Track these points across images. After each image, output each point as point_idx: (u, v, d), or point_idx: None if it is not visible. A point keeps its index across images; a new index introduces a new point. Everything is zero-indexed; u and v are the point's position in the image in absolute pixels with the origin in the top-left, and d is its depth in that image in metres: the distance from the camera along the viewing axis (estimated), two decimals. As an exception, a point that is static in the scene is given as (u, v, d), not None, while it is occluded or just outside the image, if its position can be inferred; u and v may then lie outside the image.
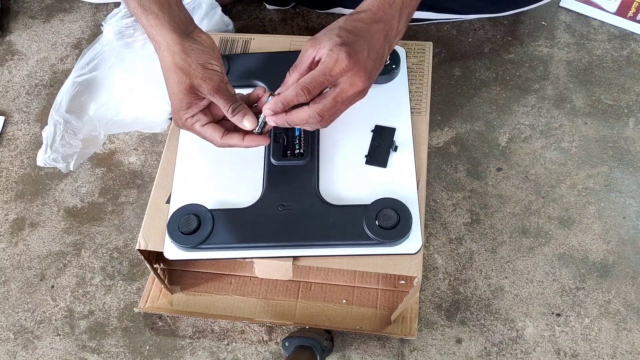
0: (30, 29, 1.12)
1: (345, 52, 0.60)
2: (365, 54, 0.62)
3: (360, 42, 0.62)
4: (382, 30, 0.64)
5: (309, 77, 0.61)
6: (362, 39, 0.62)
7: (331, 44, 0.61)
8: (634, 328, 0.80)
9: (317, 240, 0.67)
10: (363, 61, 0.61)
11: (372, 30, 0.63)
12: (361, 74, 0.61)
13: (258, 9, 1.11)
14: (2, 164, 0.97)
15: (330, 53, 0.60)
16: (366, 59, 0.62)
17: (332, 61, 0.60)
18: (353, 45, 0.61)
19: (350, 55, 0.60)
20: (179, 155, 0.75)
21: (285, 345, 0.76)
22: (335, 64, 0.60)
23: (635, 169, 0.91)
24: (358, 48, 0.61)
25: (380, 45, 0.64)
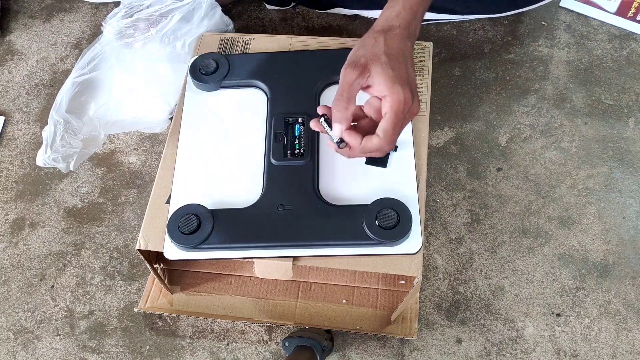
0: (30, 29, 1.12)
1: (409, 91, 0.61)
2: (413, 76, 0.64)
3: (408, 68, 0.64)
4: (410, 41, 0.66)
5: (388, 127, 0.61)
6: (407, 64, 0.64)
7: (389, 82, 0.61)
8: (634, 328, 0.80)
9: (317, 240, 0.67)
10: (414, 86, 0.63)
11: (408, 48, 0.65)
12: (417, 100, 0.63)
13: (258, 9, 1.11)
14: (2, 164, 0.97)
15: (394, 95, 0.60)
16: (414, 81, 0.64)
17: (400, 103, 0.61)
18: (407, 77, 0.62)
19: (413, 92, 0.62)
20: (179, 155, 0.75)
21: (285, 345, 0.76)
22: (404, 105, 0.61)
23: (635, 169, 0.91)
24: (411, 77, 0.63)
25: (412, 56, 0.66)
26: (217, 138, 0.75)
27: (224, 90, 0.79)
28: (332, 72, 0.77)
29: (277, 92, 0.77)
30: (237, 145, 0.75)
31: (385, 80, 0.61)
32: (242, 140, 0.75)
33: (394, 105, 0.61)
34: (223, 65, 0.79)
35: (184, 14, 0.91)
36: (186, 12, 0.92)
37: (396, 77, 0.61)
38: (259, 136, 0.74)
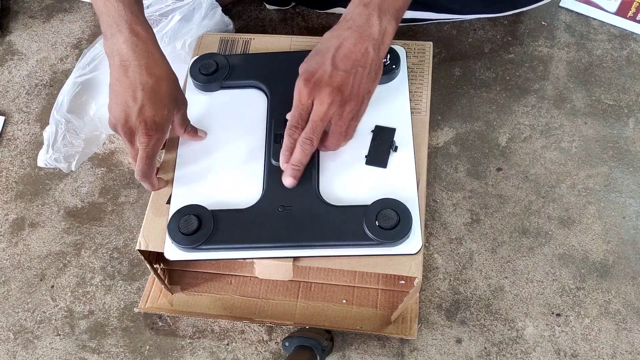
0: (30, 29, 1.12)
1: (302, 81, 0.64)
2: (327, 68, 0.64)
3: (318, 60, 0.64)
4: (354, 33, 0.65)
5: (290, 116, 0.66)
6: (325, 57, 0.64)
7: (300, 72, 0.65)
8: (634, 328, 0.80)
9: (317, 240, 0.67)
10: (325, 77, 0.63)
11: (342, 40, 0.65)
12: (326, 90, 0.63)
13: (258, 9, 1.11)
14: (2, 164, 0.97)
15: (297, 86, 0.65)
16: (330, 72, 0.63)
17: (297, 93, 0.65)
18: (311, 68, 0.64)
19: (307, 81, 0.64)
20: (179, 155, 0.75)
21: (285, 345, 0.76)
22: (299, 94, 0.64)
23: (635, 169, 0.91)
24: (315, 68, 0.64)
25: (354, 49, 0.64)
26: (217, 138, 0.75)
27: (224, 91, 0.79)
28: None
29: (277, 92, 0.77)
30: (237, 145, 0.75)
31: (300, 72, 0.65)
32: (242, 140, 0.75)
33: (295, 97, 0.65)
34: (223, 66, 0.79)
35: (184, 14, 0.91)
36: (186, 12, 0.92)
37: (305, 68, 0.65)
38: (259, 137, 0.74)
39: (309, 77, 0.64)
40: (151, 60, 0.65)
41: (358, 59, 0.64)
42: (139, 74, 0.64)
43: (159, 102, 0.65)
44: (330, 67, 0.63)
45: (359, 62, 0.64)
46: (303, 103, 0.64)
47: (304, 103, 0.64)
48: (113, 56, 0.65)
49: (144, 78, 0.64)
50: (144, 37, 0.65)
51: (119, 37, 0.65)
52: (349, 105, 0.65)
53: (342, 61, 0.64)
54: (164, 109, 0.65)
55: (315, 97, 0.64)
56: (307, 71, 0.64)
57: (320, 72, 0.64)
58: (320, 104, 0.64)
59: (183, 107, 0.70)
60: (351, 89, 0.64)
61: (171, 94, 0.66)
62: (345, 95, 0.64)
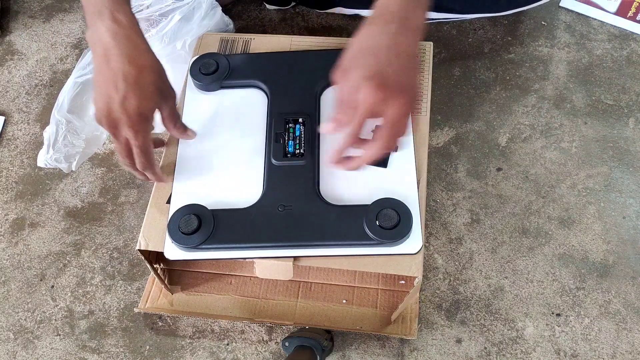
0: (30, 29, 1.12)
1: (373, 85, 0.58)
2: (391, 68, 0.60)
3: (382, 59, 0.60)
4: (400, 27, 0.61)
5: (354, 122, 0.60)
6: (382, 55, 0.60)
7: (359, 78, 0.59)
8: (634, 328, 0.80)
9: (317, 240, 0.67)
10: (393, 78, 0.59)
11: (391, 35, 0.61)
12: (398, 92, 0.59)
13: (258, 9, 1.11)
14: (2, 164, 0.97)
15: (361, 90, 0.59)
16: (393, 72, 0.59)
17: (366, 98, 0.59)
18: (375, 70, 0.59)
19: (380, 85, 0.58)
20: (179, 155, 0.75)
21: (285, 345, 0.76)
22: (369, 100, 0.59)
23: (635, 169, 0.91)
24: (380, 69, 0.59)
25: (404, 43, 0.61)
26: (217, 138, 0.75)
27: (224, 91, 0.79)
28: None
29: (277, 92, 0.77)
30: (237, 145, 0.75)
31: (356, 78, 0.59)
32: (242, 140, 0.75)
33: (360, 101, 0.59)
34: (223, 66, 0.79)
35: (184, 14, 0.91)
36: (186, 12, 0.92)
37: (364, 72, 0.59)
38: (259, 136, 0.74)
39: (381, 80, 0.58)
40: (134, 49, 0.62)
41: (407, 54, 0.61)
42: (121, 63, 0.61)
43: (142, 92, 0.62)
44: (393, 67, 0.60)
45: (407, 56, 0.62)
46: (374, 110, 0.59)
47: (375, 110, 0.59)
48: (95, 46, 0.63)
49: (126, 67, 0.61)
50: (126, 25, 0.62)
51: (101, 25, 0.62)
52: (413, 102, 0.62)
53: (401, 58, 0.60)
54: (149, 101, 0.63)
55: (389, 102, 0.59)
56: (371, 74, 0.59)
57: (388, 74, 0.59)
58: (393, 108, 0.59)
59: (170, 99, 0.67)
60: (413, 83, 0.62)
61: (156, 85, 0.64)
62: (413, 94, 0.62)
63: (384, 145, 0.61)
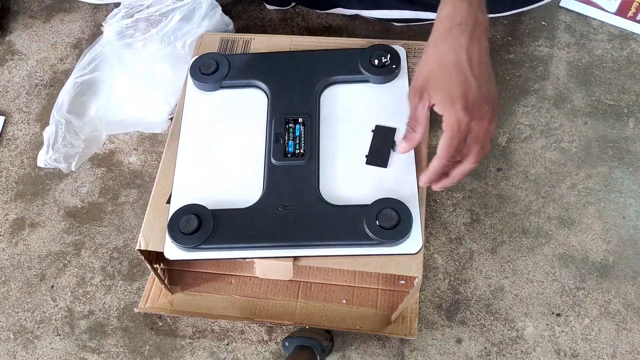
0: (30, 29, 1.12)
1: (461, 108, 0.59)
2: (475, 84, 0.60)
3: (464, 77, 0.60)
4: (472, 36, 0.61)
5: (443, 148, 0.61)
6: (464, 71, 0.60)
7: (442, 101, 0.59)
8: (634, 328, 0.80)
9: (317, 240, 0.67)
10: (478, 95, 0.60)
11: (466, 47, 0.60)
12: (484, 108, 0.60)
13: (258, 9, 1.11)
14: (2, 164, 0.97)
15: (448, 115, 0.59)
16: (478, 88, 0.60)
17: (454, 123, 0.59)
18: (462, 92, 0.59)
19: (467, 108, 0.59)
20: (179, 155, 0.75)
21: (285, 345, 0.76)
22: (459, 124, 0.59)
23: (635, 169, 0.91)
24: (467, 88, 0.59)
25: (479, 52, 0.61)
26: (217, 138, 0.75)
27: (224, 90, 0.79)
28: (332, 72, 0.78)
29: (277, 92, 0.77)
30: (237, 145, 0.75)
31: (439, 101, 0.60)
32: (242, 140, 0.75)
33: (447, 127, 0.60)
34: (223, 65, 0.79)
35: (184, 14, 0.91)
36: (186, 12, 0.92)
37: (447, 95, 0.59)
38: (259, 136, 0.74)
39: (465, 102, 0.59)
40: None
41: (486, 62, 0.62)
42: None
43: None
44: (476, 83, 0.59)
45: (487, 63, 0.62)
46: (462, 130, 0.60)
47: (464, 130, 0.60)
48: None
49: None
50: None
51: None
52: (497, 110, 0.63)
53: (479, 71, 0.60)
54: None
55: (474, 119, 0.59)
56: (456, 95, 0.59)
57: (471, 92, 0.59)
58: (481, 124, 0.60)
59: None
60: (494, 93, 0.62)
61: None
62: (496, 104, 0.62)
63: (474, 162, 0.62)
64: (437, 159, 0.63)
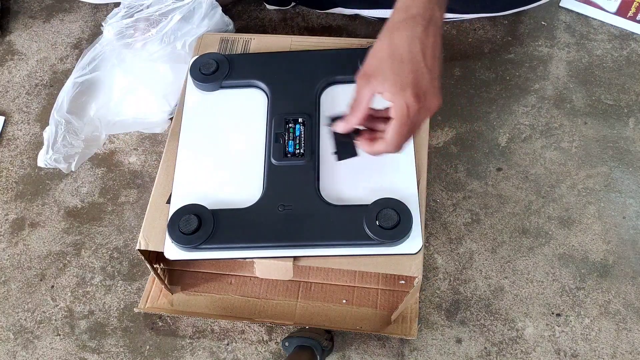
0: (30, 29, 1.12)
1: (412, 95, 0.59)
2: (427, 75, 0.60)
3: (416, 67, 0.60)
4: (427, 29, 0.61)
5: (394, 134, 0.61)
6: (417, 61, 0.60)
7: (392, 88, 0.59)
8: (634, 328, 0.80)
9: (317, 240, 0.67)
10: (429, 85, 0.60)
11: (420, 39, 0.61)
12: (433, 98, 0.60)
13: (258, 9, 1.11)
14: (2, 164, 0.97)
15: (398, 101, 0.59)
16: (430, 79, 0.60)
17: (404, 110, 0.59)
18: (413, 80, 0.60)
19: (418, 96, 0.59)
20: (179, 155, 0.75)
21: (285, 345, 0.76)
22: (409, 111, 0.59)
23: (635, 169, 0.91)
24: (419, 77, 0.60)
25: (433, 45, 0.61)
26: (217, 138, 0.75)
27: (224, 90, 0.79)
28: (332, 72, 0.77)
29: (277, 92, 0.77)
30: (237, 145, 0.75)
31: (388, 88, 0.60)
32: (242, 140, 0.75)
33: (396, 113, 0.60)
34: (223, 65, 0.79)
35: (184, 14, 0.91)
36: (186, 12, 0.92)
37: (398, 82, 0.59)
38: (259, 136, 0.74)
39: (418, 91, 0.59)
40: None
41: (438, 56, 0.62)
42: None
43: None
44: (428, 75, 0.60)
45: (438, 57, 0.62)
46: (412, 118, 0.60)
47: (413, 118, 0.60)
48: None
49: None
50: None
51: None
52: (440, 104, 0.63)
53: (432, 64, 0.61)
54: None
55: (423, 108, 0.60)
56: (408, 84, 0.59)
57: (424, 83, 0.60)
58: (427, 112, 0.61)
59: None
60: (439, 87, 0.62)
61: None
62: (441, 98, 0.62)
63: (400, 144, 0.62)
64: (384, 144, 0.62)
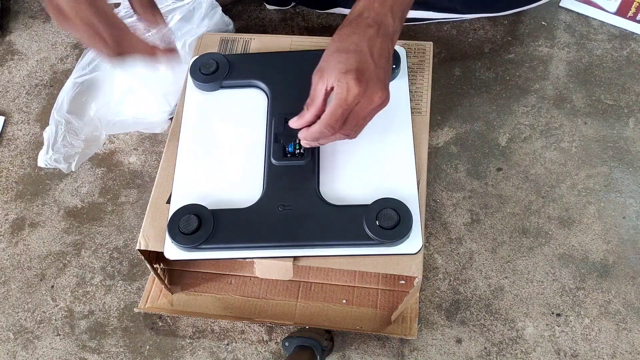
0: (30, 29, 1.12)
1: (353, 78, 0.60)
2: (372, 65, 0.62)
3: (362, 57, 0.62)
4: (378, 32, 0.63)
5: (328, 114, 0.62)
6: (363, 53, 0.62)
7: (337, 74, 0.61)
8: (634, 328, 0.80)
9: (317, 240, 0.67)
10: (373, 75, 0.61)
11: (369, 38, 0.63)
12: (376, 88, 0.61)
13: (258, 9, 1.11)
14: (2, 164, 0.97)
15: (339, 84, 0.61)
16: (374, 70, 0.62)
17: (344, 91, 0.61)
18: (357, 65, 0.61)
19: (359, 79, 0.60)
20: (179, 155, 0.75)
21: (285, 345, 0.76)
22: (348, 93, 0.60)
23: (635, 169, 0.91)
24: (363, 65, 0.61)
25: (381, 46, 0.63)
26: (217, 138, 0.75)
27: (224, 90, 0.79)
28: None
29: (277, 92, 0.77)
30: (237, 145, 0.75)
31: (335, 75, 0.61)
32: (242, 140, 0.75)
33: (336, 94, 0.61)
34: (223, 65, 0.79)
35: (184, 14, 0.91)
36: (186, 12, 0.92)
37: (342, 68, 0.61)
38: (259, 136, 0.74)
39: (359, 75, 0.60)
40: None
41: (388, 58, 0.64)
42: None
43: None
44: (374, 66, 0.62)
45: (388, 60, 0.64)
46: (350, 102, 0.61)
47: (351, 102, 0.61)
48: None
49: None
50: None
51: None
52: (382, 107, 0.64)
53: (379, 59, 0.62)
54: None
55: (364, 96, 0.61)
56: (352, 69, 0.61)
57: (369, 71, 0.61)
58: (370, 103, 0.62)
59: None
60: (388, 85, 0.64)
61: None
62: (386, 97, 0.63)
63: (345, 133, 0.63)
64: (318, 124, 0.63)
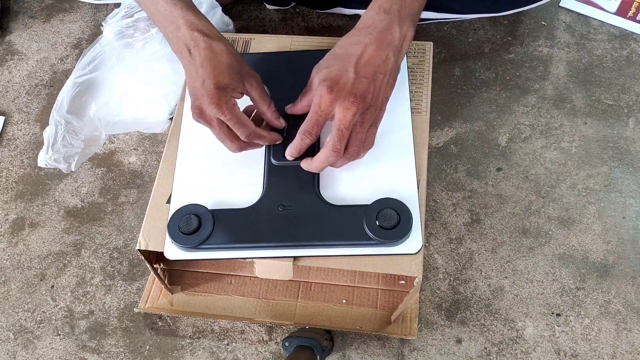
0: (30, 29, 1.12)
1: (325, 86, 0.62)
2: (350, 75, 0.63)
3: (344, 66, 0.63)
4: (375, 41, 0.64)
5: (306, 120, 0.65)
6: (348, 61, 0.63)
7: (317, 80, 0.64)
8: (634, 328, 0.80)
9: (317, 240, 0.67)
10: (348, 85, 0.62)
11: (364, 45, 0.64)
12: (349, 98, 0.62)
13: (258, 9, 1.11)
14: (2, 164, 0.97)
15: (316, 90, 0.63)
16: (353, 80, 0.63)
17: (317, 98, 0.63)
18: (333, 75, 0.63)
19: (331, 87, 0.62)
20: (179, 155, 0.75)
21: (285, 345, 0.76)
22: (320, 100, 0.63)
23: (635, 169, 0.91)
24: (337, 75, 0.63)
25: (374, 55, 0.64)
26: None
27: None
28: None
29: (277, 92, 0.77)
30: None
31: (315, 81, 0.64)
32: (242, 140, 0.75)
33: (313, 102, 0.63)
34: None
35: (184, 14, 0.91)
36: (186, 12, 0.92)
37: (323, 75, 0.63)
38: (259, 136, 0.74)
39: (332, 84, 0.62)
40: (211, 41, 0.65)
41: (379, 66, 0.64)
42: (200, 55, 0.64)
43: (217, 70, 0.63)
44: (353, 75, 0.63)
45: (379, 69, 0.64)
46: (323, 109, 0.63)
47: (324, 110, 0.63)
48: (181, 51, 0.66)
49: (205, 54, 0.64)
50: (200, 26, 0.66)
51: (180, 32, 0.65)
52: (369, 113, 0.64)
53: (364, 68, 0.63)
54: (224, 76, 0.64)
55: (337, 105, 0.62)
56: (329, 77, 0.63)
57: (344, 79, 0.62)
58: (344, 112, 0.62)
59: (252, 79, 0.68)
60: (372, 97, 0.64)
61: (231, 65, 0.65)
62: (366, 103, 0.63)
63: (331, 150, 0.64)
64: (298, 133, 0.65)
